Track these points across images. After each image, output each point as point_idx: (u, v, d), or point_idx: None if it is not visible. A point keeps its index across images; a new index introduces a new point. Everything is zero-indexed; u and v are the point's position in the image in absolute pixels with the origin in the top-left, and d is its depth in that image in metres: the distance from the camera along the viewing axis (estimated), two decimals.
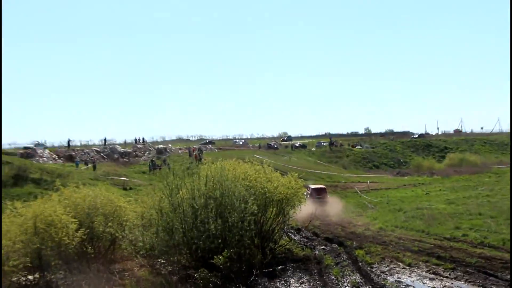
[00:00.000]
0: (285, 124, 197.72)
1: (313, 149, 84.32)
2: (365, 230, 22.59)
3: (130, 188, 40.10)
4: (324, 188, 34.44)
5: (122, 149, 65.40)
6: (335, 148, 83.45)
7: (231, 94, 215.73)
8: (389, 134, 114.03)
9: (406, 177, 56.81)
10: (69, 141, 70.65)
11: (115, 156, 61.07)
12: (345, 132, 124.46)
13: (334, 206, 30.62)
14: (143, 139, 78.76)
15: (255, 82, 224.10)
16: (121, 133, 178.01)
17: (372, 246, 18.40)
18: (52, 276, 13.50)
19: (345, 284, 13.88)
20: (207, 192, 14.96)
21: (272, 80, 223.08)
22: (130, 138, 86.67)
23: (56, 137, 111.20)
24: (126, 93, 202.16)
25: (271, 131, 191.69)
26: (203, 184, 15.25)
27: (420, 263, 15.67)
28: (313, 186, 33.09)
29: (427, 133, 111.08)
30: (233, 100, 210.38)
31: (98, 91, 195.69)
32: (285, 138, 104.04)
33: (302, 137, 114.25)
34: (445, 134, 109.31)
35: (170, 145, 74.41)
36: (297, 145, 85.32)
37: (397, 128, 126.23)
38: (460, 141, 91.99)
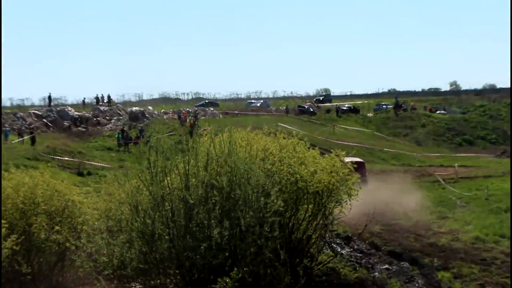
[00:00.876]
0: (326, 77, 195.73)
1: (370, 114, 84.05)
2: (453, 241, 22.40)
3: (89, 173, 40.67)
4: (362, 162, 35.78)
5: (76, 113, 65.83)
6: (404, 114, 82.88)
7: (243, 32, 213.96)
8: (489, 91, 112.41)
9: None
10: None
11: (66, 123, 61.40)
12: (419, 89, 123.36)
13: (393, 193, 30.78)
14: (109, 97, 78.92)
15: (279, 15, 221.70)
16: (75, 87, 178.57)
17: (464, 266, 18.21)
18: None
19: None
20: (208, 179, 15.08)
21: (304, 11, 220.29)
22: (88, 96, 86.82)
23: None
24: (82, 28, 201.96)
25: (305, 87, 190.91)
26: (202, 167, 15.32)
27: None
28: (347, 159, 33.91)
29: None
30: (245, 41, 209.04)
31: (38, 21, 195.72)
32: (321, 98, 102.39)
33: (351, 97, 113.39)
34: None
35: (150, 107, 74.68)
36: (345, 108, 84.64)
37: (501, 83, 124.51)
38: None
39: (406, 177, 42.49)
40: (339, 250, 22.00)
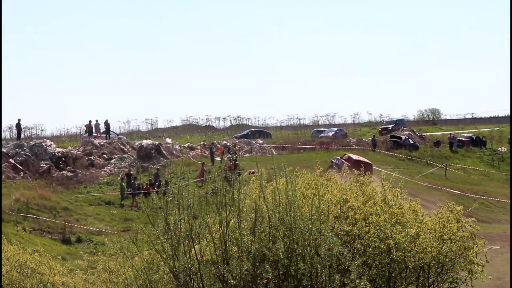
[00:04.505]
0: (435, 93, 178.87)
1: (502, 148, 79.79)
2: None
3: (79, 240, 38.75)
4: (370, 164, 37.41)
5: (58, 149, 62.92)
6: None
7: (302, 28, 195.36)
8: None
9: None
10: None
11: (43, 165, 58.25)
12: None
13: None
14: (107, 125, 73.29)
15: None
16: (55, 112, 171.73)
17: None
18: None
19: None
20: (257, 247, 13.81)
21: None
22: (76, 124, 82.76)
23: None
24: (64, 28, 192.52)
25: (403, 107, 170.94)
26: (247, 229, 14.02)
27: None
28: (354, 157, 37.74)
29: None
30: (304, 40, 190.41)
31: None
32: (390, 127, 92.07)
33: (473, 121, 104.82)
34: None
35: (168, 140, 70.98)
36: (463, 139, 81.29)
37: None
38: None
39: None
40: None
